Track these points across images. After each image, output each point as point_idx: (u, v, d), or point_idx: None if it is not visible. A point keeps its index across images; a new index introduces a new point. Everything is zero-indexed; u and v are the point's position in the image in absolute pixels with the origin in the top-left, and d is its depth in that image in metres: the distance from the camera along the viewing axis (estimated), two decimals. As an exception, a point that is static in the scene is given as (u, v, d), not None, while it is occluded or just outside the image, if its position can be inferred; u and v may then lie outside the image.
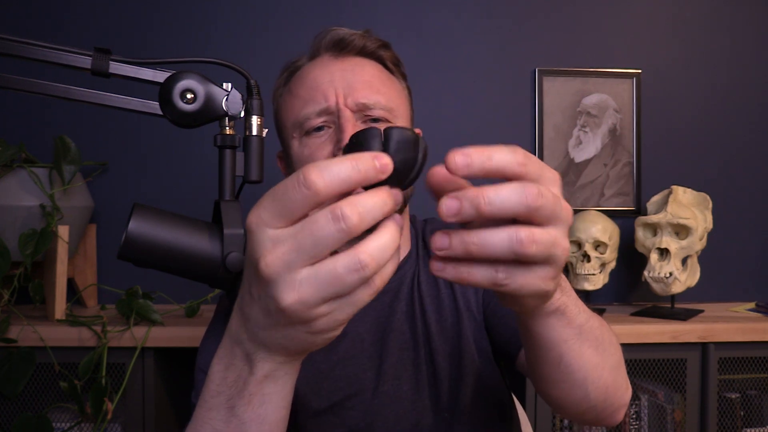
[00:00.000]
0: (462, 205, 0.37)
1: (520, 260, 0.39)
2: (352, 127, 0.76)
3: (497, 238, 0.38)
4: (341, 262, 0.36)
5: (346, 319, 0.39)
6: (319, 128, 0.79)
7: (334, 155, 0.77)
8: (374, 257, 0.36)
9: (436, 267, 0.40)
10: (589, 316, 0.57)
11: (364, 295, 0.38)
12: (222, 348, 0.47)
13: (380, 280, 0.38)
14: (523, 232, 0.38)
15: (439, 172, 0.39)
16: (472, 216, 0.37)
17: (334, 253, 0.37)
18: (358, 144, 0.41)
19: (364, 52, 0.84)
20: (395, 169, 0.38)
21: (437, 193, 0.40)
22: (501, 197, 0.37)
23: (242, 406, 0.45)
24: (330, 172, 0.36)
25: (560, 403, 0.62)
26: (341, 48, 0.83)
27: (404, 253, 0.86)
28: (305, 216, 0.37)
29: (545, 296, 0.44)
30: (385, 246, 0.37)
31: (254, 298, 0.40)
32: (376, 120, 0.80)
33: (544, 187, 0.39)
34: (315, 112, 0.78)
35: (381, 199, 0.37)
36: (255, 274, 0.38)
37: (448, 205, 0.37)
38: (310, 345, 0.41)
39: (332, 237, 0.35)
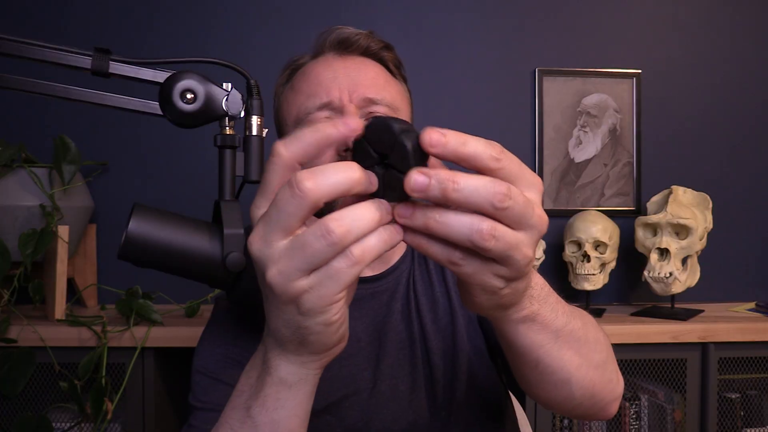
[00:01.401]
0: (430, 183, 0.36)
1: (476, 251, 0.38)
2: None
3: (458, 223, 0.37)
4: (310, 231, 0.37)
5: (331, 296, 0.38)
6: None
7: (337, 152, 0.77)
8: (342, 223, 0.37)
9: (399, 230, 0.39)
10: (569, 319, 0.55)
11: (343, 266, 0.37)
12: (253, 355, 0.49)
13: (360, 251, 0.37)
14: (485, 224, 0.37)
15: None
16: (437, 198, 0.36)
17: None
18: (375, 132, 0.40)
19: (367, 53, 0.84)
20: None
21: None
22: (470, 187, 0.36)
23: (257, 407, 0.46)
24: (293, 139, 0.40)
25: (545, 402, 0.62)
26: (345, 47, 0.83)
27: (400, 253, 0.86)
28: (275, 193, 0.39)
29: (495, 295, 0.42)
30: (359, 216, 0.37)
31: (263, 287, 0.42)
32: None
33: (516, 189, 0.37)
34: (316, 106, 0.78)
35: (345, 174, 0.37)
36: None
37: (416, 179, 0.36)
38: (307, 333, 0.41)
39: (290, 204, 0.37)
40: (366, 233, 0.37)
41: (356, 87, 0.79)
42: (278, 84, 0.88)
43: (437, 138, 0.36)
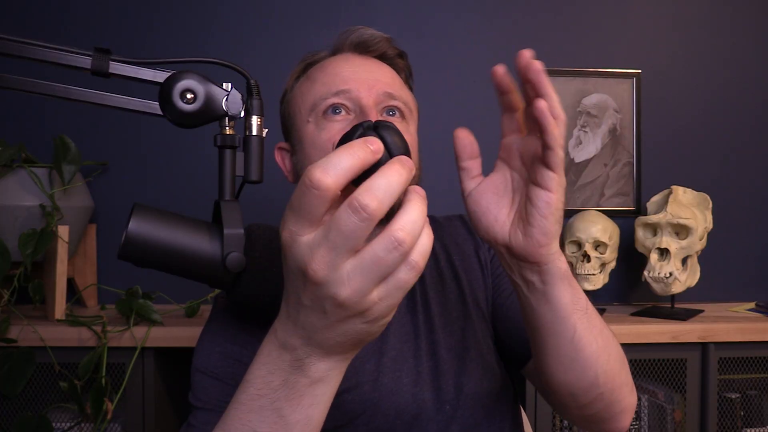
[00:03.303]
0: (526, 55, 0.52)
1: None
2: (375, 114, 0.77)
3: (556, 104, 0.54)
4: (379, 245, 0.38)
5: (397, 303, 0.40)
6: (336, 110, 0.78)
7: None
8: (408, 231, 0.38)
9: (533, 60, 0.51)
10: (588, 302, 0.62)
11: (408, 276, 0.39)
12: (263, 354, 0.47)
13: (419, 256, 0.39)
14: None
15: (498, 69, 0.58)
16: (537, 69, 0.52)
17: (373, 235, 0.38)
18: (346, 138, 0.45)
19: (384, 57, 0.86)
20: (388, 146, 0.42)
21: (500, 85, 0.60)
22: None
23: (289, 408, 0.46)
24: (331, 166, 0.38)
25: (570, 389, 0.63)
26: (364, 48, 0.85)
27: None
28: (328, 214, 0.39)
29: (559, 212, 0.55)
30: (416, 218, 0.39)
31: (306, 306, 0.41)
32: (393, 113, 0.80)
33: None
34: (332, 92, 0.78)
35: (394, 173, 0.38)
36: (304, 282, 0.40)
37: (526, 53, 0.52)
38: (366, 335, 0.42)
39: (359, 228, 0.37)
40: (420, 235, 0.39)
41: (375, 83, 0.80)
42: (291, 77, 0.88)
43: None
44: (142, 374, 1.35)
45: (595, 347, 0.61)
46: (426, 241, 0.40)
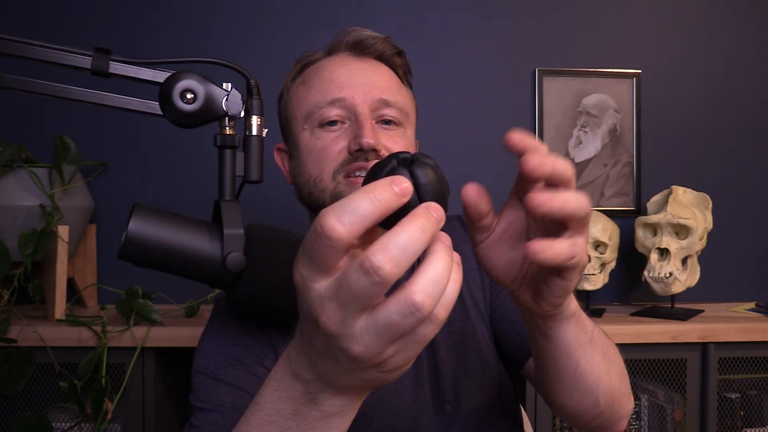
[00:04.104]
0: (541, 158, 0.41)
1: (576, 223, 0.43)
2: (370, 124, 0.76)
3: (569, 194, 0.42)
4: (394, 308, 0.34)
5: (416, 354, 0.37)
6: (333, 122, 0.79)
7: (348, 150, 0.77)
8: (428, 293, 0.34)
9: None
10: (594, 326, 0.60)
11: (428, 332, 0.36)
12: (276, 379, 0.44)
13: (443, 311, 0.35)
14: (575, 191, 0.43)
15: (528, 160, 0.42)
16: (551, 170, 0.41)
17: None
18: (377, 169, 0.40)
19: (381, 57, 0.85)
20: (420, 188, 0.37)
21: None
22: (557, 160, 0.42)
23: None
24: (347, 212, 0.33)
25: (572, 412, 0.64)
26: (361, 49, 0.83)
27: None
28: (345, 260, 0.36)
29: (579, 270, 0.46)
30: (438, 277, 0.35)
31: (319, 350, 0.39)
32: (388, 123, 0.80)
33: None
34: (328, 100, 0.78)
35: (416, 229, 0.34)
36: (316, 329, 0.37)
37: (534, 159, 0.40)
38: (383, 382, 0.40)
39: (369, 291, 0.33)
40: (444, 291, 0.35)
41: (371, 89, 0.79)
42: (287, 79, 0.88)
43: (538, 160, 0.41)
44: (142, 374, 1.35)
45: (596, 375, 0.60)
46: (452, 291, 0.36)
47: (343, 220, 0.33)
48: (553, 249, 0.41)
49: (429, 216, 0.35)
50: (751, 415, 1.54)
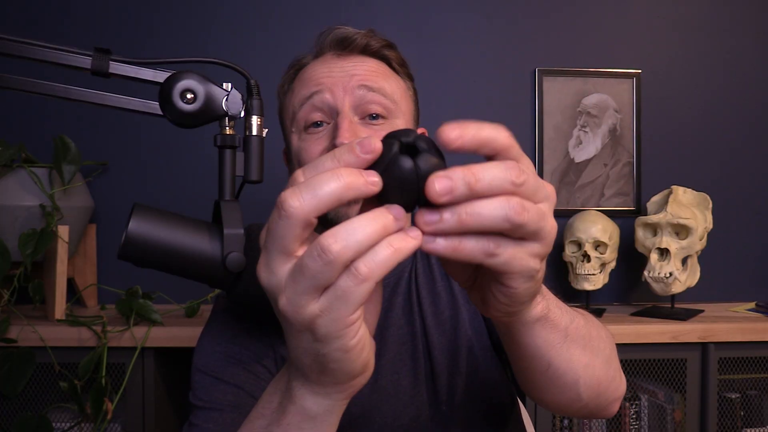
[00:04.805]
0: (454, 183, 0.35)
1: (510, 234, 0.37)
2: (348, 122, 0.76)
3: (490, 207, 0.35)
4: (307, 252, 0.35)
5: (344, 318, 0.36)
6: (318, 124, 0.79)
7: (328, 151, 0.76)
8: (338, 238, 0.34)
9: (427, 241, 0.36)
10: (573, 316, 0.56)
11: (350, 285, 0.35)
12: (275, 376, 0.47)
13: (367, 268, 0.35)
14: (513, 200, 0.36)
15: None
16: (464, 195, 0.35)
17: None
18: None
19: (367, 51, 0.83)
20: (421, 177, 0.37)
21: None
22: (488, 173, 0.35)
23: None
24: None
25: (552, 405, 0.63)
26: (344, 46, 0.82)
27: None
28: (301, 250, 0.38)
29: (532, 280, 0.40)
30: (355, 228, 0.35)
31: (287, 334, 0.41)
32: (374, 117, 0.79)
33: (523, 165, 0.38)
34: (306, 96, 0.78)
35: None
36: (281, 314, 0.39)
37: (440, 184, 0.35)
38: (328, 360, 0.39)
39: (322, 270, 0.35)
40: (368, 246, 0.35)
41: (350, 78, 0.78)
42: (282, 83, 0.88)
43: (456, 134, 0.36)
44: (142, 374, 1.35)
45: (574, 372, 0.56)
46: (384, 253, 0.35)
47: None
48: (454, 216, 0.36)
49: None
50: (751, 415, 1.54)
